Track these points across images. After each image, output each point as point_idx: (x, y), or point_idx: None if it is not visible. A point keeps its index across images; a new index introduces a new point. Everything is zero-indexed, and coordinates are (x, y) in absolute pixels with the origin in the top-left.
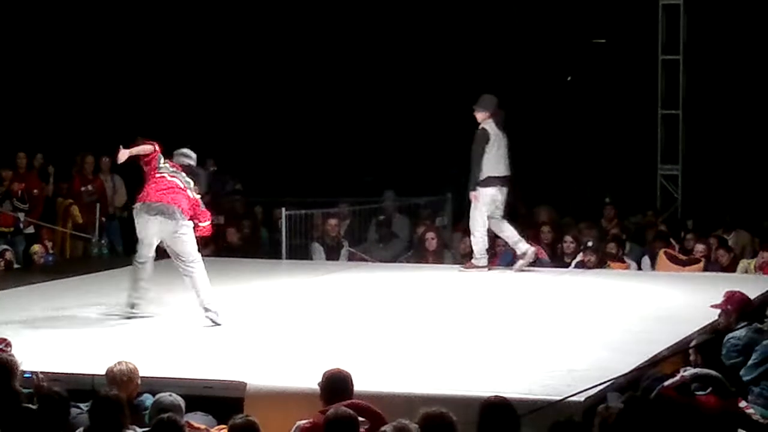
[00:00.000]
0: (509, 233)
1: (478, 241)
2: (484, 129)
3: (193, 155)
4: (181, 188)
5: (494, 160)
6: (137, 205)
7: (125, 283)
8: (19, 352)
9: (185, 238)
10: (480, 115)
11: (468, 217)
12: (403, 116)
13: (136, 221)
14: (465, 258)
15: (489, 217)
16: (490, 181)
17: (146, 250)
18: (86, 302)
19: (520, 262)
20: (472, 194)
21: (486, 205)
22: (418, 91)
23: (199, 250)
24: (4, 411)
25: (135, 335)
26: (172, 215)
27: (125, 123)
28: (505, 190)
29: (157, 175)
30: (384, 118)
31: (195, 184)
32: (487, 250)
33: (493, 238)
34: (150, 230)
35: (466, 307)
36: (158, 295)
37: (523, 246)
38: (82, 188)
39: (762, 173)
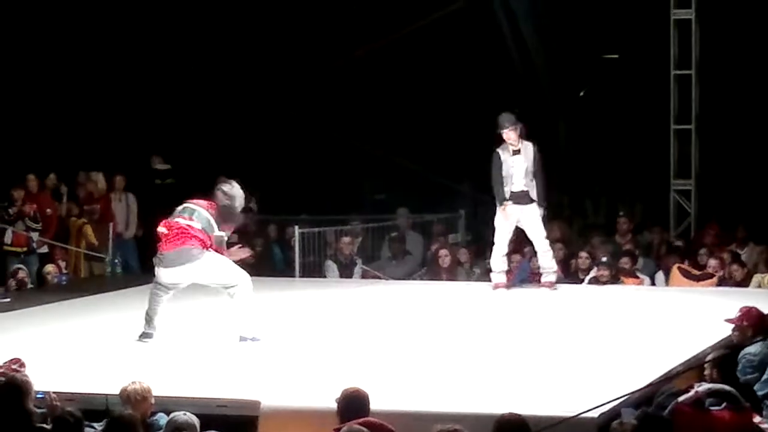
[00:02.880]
0: None
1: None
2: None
3: (233, 193)
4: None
5: None
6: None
7: (138, 302)
8: (32, 371)
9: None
10: (515, 133)
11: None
12: (416, 134)
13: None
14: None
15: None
16: None
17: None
18: (100, 322)
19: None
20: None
21: None
22: (430, 109)
23: None
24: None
25: (149, 354)
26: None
27: (139, 141)
28: None
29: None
30: (396, 136)
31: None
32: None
33: (509, 253)
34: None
35: (480, 324)
36: (172, 313)
37: None
38: (85, 207)
39: None
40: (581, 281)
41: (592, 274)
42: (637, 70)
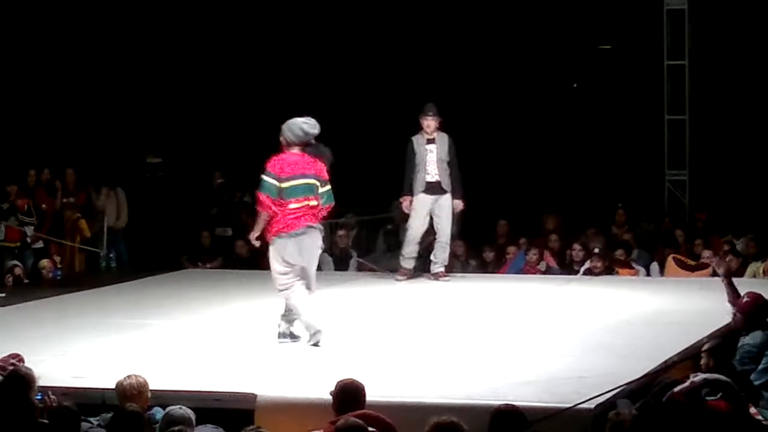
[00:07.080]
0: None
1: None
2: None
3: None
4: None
5: None
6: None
7: (133, 296)
8: (30, 366)
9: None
10: (435, 122)
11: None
12: (408, 128)
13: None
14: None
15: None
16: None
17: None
18: (95, 316)
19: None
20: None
21: None
22: (422, 101)
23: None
24: (20, 425)
25: (145, 348)
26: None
27: (131, 136)
28: None
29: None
30: (389, 130)
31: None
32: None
33: (503, 245)
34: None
35: (476, 315)
36: (168, 307)
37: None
38: (63, 200)
39: None
40: (576, 272)
41: (587, 265)
42: (630, 61)
